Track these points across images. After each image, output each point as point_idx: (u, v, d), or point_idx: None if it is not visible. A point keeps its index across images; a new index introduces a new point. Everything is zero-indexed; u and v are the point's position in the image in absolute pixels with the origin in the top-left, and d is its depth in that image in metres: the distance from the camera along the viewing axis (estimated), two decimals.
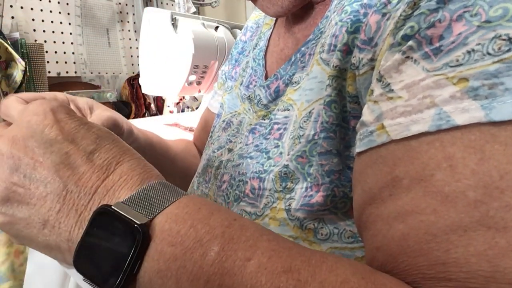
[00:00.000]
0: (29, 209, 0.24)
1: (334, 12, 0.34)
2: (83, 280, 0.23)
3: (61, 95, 0.36)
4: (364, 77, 0.27)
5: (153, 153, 0.50)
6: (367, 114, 0.24)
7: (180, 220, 0.22)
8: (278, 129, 0.36)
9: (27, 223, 0.25)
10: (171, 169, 0.54)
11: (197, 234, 0.22)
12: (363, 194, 0.24)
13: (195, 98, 1.46)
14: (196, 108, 1.50)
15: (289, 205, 0.31)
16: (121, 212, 0.22)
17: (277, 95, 0.39)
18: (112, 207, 0.23)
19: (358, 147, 0.24)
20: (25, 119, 0.26)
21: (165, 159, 0.54)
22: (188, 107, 1.56)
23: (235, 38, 1.19)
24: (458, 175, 0.18)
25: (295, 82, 0.37)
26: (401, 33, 0.23)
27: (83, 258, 0.23)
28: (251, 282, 0.20)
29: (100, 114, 0.37)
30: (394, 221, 0.20)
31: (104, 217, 0.22)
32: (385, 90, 0.23)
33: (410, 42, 0.22)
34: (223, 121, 0.48)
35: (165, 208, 0.23)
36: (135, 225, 0.22)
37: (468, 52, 0.19)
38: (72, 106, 0.37)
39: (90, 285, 0.23)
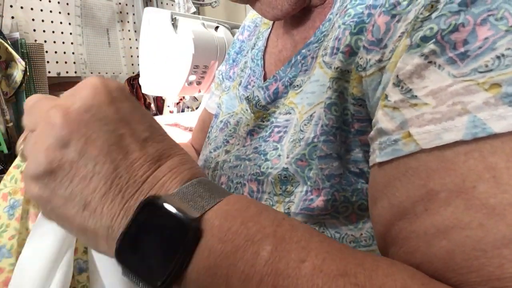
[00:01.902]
0: (73, 187, 0.23)
1: (337, 14, 0.34)
2: (123, 272, 0.22)
3: None
4: (371, 78, 0.27)
5: None
6: (385, 121, 0.23)
7: (231, 217, 0.22)
8: (278, 132, 0.36)
9: (67, 202, 0.23)
10: None
11: (248, 232, 0.21)
12: (391, 209, 0.22)
13: (195, 98, 1.46)
14: (196, 108, 1.50)
15: (288, 208, 0.31)
16: (172, 204, 0.21)
17: (276, 97, 0.39)
18: (163, 198, 0.22)
19: (379, 157, 0.23)
20: (82, 92, 0.24)
21: None
22: (188, 107, 1.56)
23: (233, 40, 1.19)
24: (503, 186, 0.17)
25: (297, 85, 0.36)
26: (420, 34, 0.22)
27: (127, 249, 0.22)
28: (307, 285, 0.19)
29: None
30: (434, 237, 0.19)
31: (154, 208, 0.21)
32: (406, 96, 0.22)
33: (432, 46, 0.21)
34: (221, 121, 0.48)
35: (215, 204, 0.22)
36: (188, 220, 0.21)
37: (498, 57, 0.19)
38: None
39: (130, 277, 0.22)
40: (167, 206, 0.21)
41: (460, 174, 0.19)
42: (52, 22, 1.42)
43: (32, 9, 1.35)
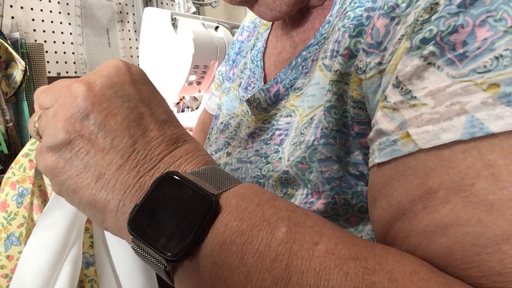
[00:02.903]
0: (88, 158, 0.23)
1: (336, 17, 0.34)
2: (132, 245, 0.22)
3: None
4: (371, 81, 0.27)
5: None
6: (385, 122, 0.23)
7: (247, 198, 0.22)
8: (280, 134, 0.36)
9: (80, 173, 0.23)
10: None
11: (264, 213, 0.21)
12: (390, 209, 0.23)
13: (195, 98, 1.46)
14: (196, 108, 1.50)
15: None
16: (191, 180, 0.22)
17: (276, 99, 0.39)
18: (182, 174, 0.22)
19: (378, 158, 0.23)
20: (105, 70, 0.25)
21: None
22: (188, 107, 1.56)
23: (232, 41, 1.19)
24: (502, 183, 0.18)
25: (298, 88, 0.36)
26: (420, 36, 0.22)
27: (142, 221, 0.22)
28: (320, 266, 0.19)
29: None
30: (434, 235, 0.20)
31: (173, 182, 0.22)
32: (406, 97, 0.22)
33: (432, 48, 0.21)
34: (221, 122, 0.48)
35: (232, 186, 0.23)
36: (207, 195, 0.21)
37: (496, 57, 0.19)
38: None
39: (140, 251, 0.22)
40: (188, 180, 0.22)
41: (458, 172, 0.19)
42: (52, 22, 1.42)
43: (32, 9, 1.35)
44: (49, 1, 1.41)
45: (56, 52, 1.44)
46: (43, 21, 1.39)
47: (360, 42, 0.29)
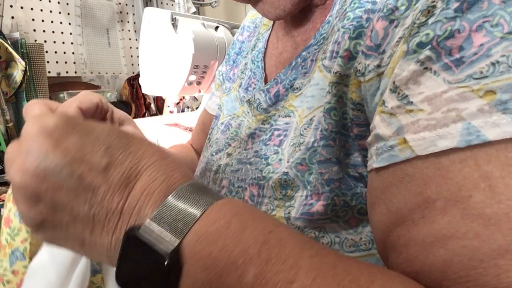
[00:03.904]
0: (64, 232, 0.24)
1: (336, 17, 0.34)
2: None
3: (105, 101, 0.35)
4: (370, 84, 0.27)
5: None
6: (382, 127, 0.23)
7: (211, 239, 0.21)
8: (279, 135, 0.36)
9: (66, 241, 0.25)
10: None
11: (230, 256, 0.20)
12: (389, 215, 0.22)
13: (195, 98, 1.46)
14: (196, 108, 1.50)
15: (289, 213, 0.31)
16: (149, 238, 0.21)
17: (277, 100, 0.38)
18: (140, 231, 0.22)
19: (376, 162, 0.23)
20: (25, 146, 0.24)
21: None
22: (188, 107, 1.56)
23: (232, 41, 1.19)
24: (499, 196, 0.17)
25: (297, 88, 0.36)
26: (416, 40, 0.22)
27: (124, 280, 0.23)
28: None
29: (126, 130, 0.35)
30: (432, 246, 0.19)
31: (135, 242, 0.22)
32: (402, 102, 0.22)
33: (428, 52, 0.21)
34: (222, 123, 0.47)
35: (193, 225, 0.22)
36: (166, 254, 0.21)
37: (493, 64, 0.19)
38: (108, 115, 0.36)
39: None
40: (146, 239, 0.21)
41: (456, 183, 0.19)
42: (52, 22, 1.42)
43: (32, 9, 1.35)
44: (49, 1, 1.41)
45: (56, 52, 1.44)
46: (43, 21, 1.39)
47: (360, 44, 0.29)
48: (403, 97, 0.22)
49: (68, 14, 1.48)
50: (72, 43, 1.50)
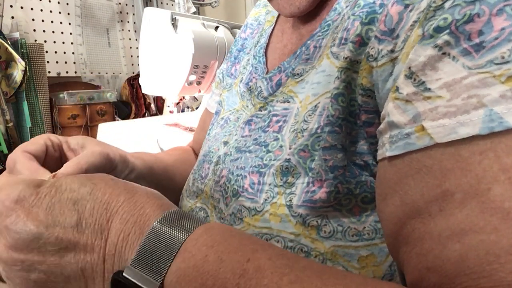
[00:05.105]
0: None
1: (347, 6, 0.34)
2: None
3: (54, 138, 0.36)
4: (382, 69, 0.26)
5: (153, 178, 0.48)
6: (397, 114, 0.23)
7: (189, 278, 0.22)
8: (277, 121, 0.36)
9: None
10: (172, 186, 0.53)
11: None
12: (403, 207, 0.22)
13: (195, 98, 1.46)
14: (196, 108, 1.50)
15: (290, 200, 0.31)
16: (133, 280, 0.22)
17: (278, 88, 0.38)
18: (124, 275, 0.23)
19: (390, 151, 0.23)
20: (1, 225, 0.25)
21: (165, 179, 0.53)
22: (188, 107, 1.56)
23: (235, 38, 1.19)
24: None
25: (297, 74, 0.36)
26: (433, 24, 0.21)
27: None
28: None
29: (91, 150, 0.36)
30: (448, 240, 0.19)
31: (122, 286, 0.23)
32: (419, 88, 0.21)
33: (446, 37, 0.20)
34: (222, 118, 0.47)
35: (171, 263, 0.23)
36: None
37: None
38: (64, 147, 0.37)
39: None
40: (130, 282, 0.23)
41: (475, 175, 0.18)
42: (52, 22, 1.42)
43: (32, 9, 1.35)
44: (49, 1, 1.41)
45: (56, 52, 1.44)
46: (43, 21, 1.39)
47: (372, 30, 0.28)
48: (419, 83, 0.22)
49: (68, 14, 1.48)
50: (72, 43, 1.50)
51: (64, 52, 1.47)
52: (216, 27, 1.20)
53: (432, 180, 0.20)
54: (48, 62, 1.39)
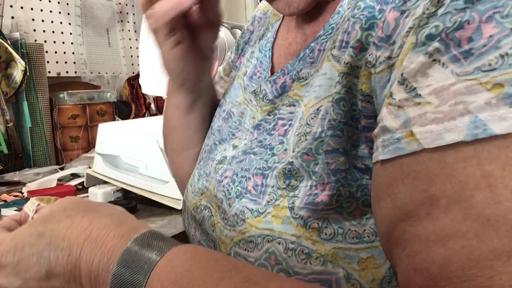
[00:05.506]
0: None
1: (348, 8, 0.34)
2: None
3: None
4: (380, 76, 0.27)
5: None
6: (389, 119, 0.23)
7: None
8: (283, 125, 0.36)
9: None
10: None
11: None
12: (394, 209, 0.23)
13: None
14: None
15: (293, 203, 0.31)
16: None
17: (283, 91, 0.38)
18: None
19: (382, 154, 0.23)
20: None
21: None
22: None
23: (235, 38, 1.19)
24: (498, 196, 0.18)
25: (303, 77, 0.36)
26: (426, 32, 0.22)
27: None
28: None
29: None
30: (434, 244, 0.20)
31: None
32: (410, 94, 0.22)
33: (437, 44, 0.21)
34: (224, 110, 0.47)
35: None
36: None
37: (502, 56, 0.18)
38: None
39: None
40: None
41: (459, 181, 0.19)
42: (52, 22, 1.42)
43: (32, 9, 1.35)
44: (49, 1, 1.41)
45: (56, 52, 1.44)
46: (43, 21, 1.39)
47: (371, 36, 0.29)
48: (411, 90, 0.22)
49: (68, 14, 1.48)
50: (72, 43, 1.50)
51: (64, 52, 1.47)
52: None
53: (420, 185, 0.21)
54: (48, 62, 1.39)
